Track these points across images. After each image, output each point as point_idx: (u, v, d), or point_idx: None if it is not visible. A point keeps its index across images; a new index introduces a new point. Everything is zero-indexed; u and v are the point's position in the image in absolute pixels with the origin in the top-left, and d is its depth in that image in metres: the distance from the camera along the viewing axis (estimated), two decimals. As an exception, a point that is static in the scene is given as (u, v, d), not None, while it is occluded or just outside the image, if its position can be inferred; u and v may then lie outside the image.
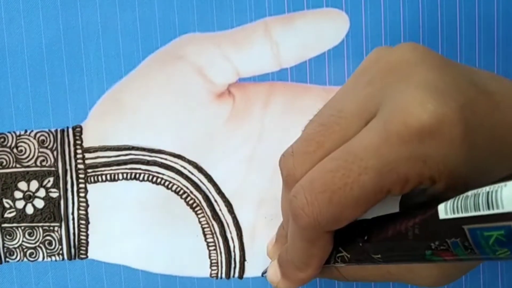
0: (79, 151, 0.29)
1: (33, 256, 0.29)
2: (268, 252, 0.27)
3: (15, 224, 0.29)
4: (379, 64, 0.19)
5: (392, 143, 0.17)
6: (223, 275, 0.29)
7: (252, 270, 0.30)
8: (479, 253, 0.16)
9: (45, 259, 0.29)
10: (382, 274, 0.22)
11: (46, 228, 0.29)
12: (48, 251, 0.29)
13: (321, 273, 0.23)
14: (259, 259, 0.29)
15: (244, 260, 0.29)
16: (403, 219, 0.18)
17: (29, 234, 0.29)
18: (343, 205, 0.18)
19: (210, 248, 0.29)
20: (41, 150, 0.29)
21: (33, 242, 0.29)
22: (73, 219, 0.29)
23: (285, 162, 0.21)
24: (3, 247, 0.29)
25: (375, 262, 0.20)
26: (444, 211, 0.16)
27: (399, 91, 0.18)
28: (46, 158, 0.29)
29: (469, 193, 0.16)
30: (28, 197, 0.29)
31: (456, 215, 0.16)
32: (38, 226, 0.29)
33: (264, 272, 0.29)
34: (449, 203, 0.16)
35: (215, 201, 0.29)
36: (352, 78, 0.21)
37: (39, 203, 0.29)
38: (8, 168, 0.29)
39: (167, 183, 0.29)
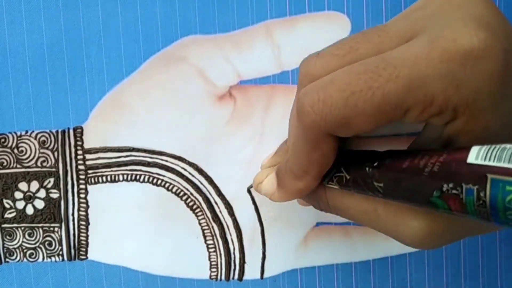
0: (79, 152, 0.29)
1: (33, 256, 0.29)
2: (263, 163, 0.26)
3: (15, 225, 0.29)
4: None
5: (433, 58, 0.17)
6: (223, 277, 0.29)
7: (252, 272, 0.30)
8: (489, 209, 0.15)
9: (45, 260, 0.29)
10: (367, 211, 0.21)
11: (46, 228, 0.29)
12: (48, 251, 0.29)
13: (308, 194, 0.22)
14: (259, 262, 0.29)
15: (244, 262, 0.29)
16: (424, 155, 0.18)
17: (29, 235, 0.29)
18: (358, 110, 0.17)
19: (210, 250, 0.29)
20: (41, 150, 0.29)
21: (33, 242, 0.29)
22: (73, 220, 0.29)
23: (307, 62, 0.20)
24: (3, 247, 0.29)
25: (374, 191, 0.19)
26: (476, 155, 0.16)
27: (452, 17, 0.17)
28: (46, 158, 0.29)
29: (508, 145, 0.15)
30: (29, 198, 0.29)
31: (486, 162, 0.15)
32: (38, 227, 0.29)
33: (250, 187, 0.28)
34: (484, 148, 0.16)
35: (215, 203, 0.29)
36: (403, 12, 0.20)
37: (40, 204, 0.29)
38: (8, 168, 0.29)
39: (167, 184, 0.29)
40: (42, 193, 0.29)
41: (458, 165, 0.16)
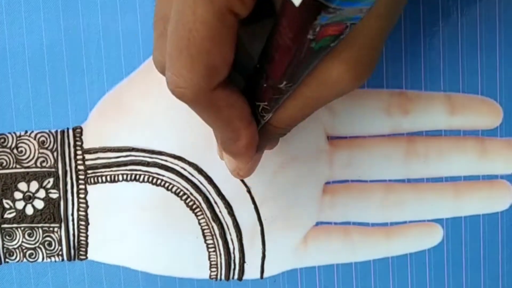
0: (79, 152, 0.29)
1: (33, 256, 0.29)
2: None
3: (15, 225, 0.29)
4: None
5: None
6: (223, 277, 0.29)
7: (252, 272, 0.29)
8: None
9: (45, 260, 0.29)
10: (302, 105, 0.20)
11: (46, 229, 0.29)
12: (48, 252, 0.29)
13: (261, 137, 0.21)
14: (258, 261, 0.29)
15: (244, 262, 0.29)
16: (276, 31, 0.17)
17: (29, 235, 0.29)
18: (204, 51, 0.17)
19: (210, 249, 0.29)
20: (41, 151, 0.29)
21: (32, 242, 0.29)
22: (73, 220, 0.29)
23: (152, 58, 0.21)
24: (3, 247, 0.29)
25: (287, 91, 0.19)
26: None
27: None
28: (46, 159, 0.29)
29: None
30: (28, 198, 0.29)
31: None
32: (37, 227, 0.29)
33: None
34: None
35: (215, 202, 0.29)
36: None
37: (39, 204, 0.29)
38: (8, 168, 0.29)
39: (167, 184, 0.29)
40: (41, 193, 0.29)
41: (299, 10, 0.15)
